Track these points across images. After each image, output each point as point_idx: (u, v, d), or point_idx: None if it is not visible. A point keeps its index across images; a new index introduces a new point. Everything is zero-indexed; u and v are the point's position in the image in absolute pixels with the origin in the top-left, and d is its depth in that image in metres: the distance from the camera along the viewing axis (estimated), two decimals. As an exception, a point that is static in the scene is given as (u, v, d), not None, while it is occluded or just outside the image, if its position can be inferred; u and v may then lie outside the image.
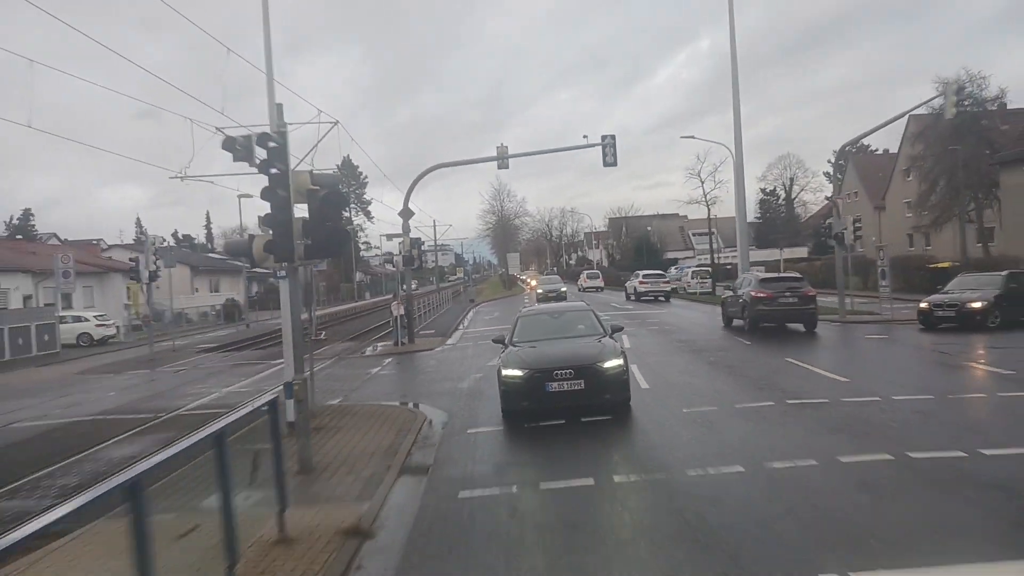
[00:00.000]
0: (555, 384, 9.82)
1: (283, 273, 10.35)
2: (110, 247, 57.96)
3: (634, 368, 12.93)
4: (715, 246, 61.90)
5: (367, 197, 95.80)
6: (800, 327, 20.07)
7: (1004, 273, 19.67)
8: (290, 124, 9.50)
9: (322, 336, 25.59)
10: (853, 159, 69.62)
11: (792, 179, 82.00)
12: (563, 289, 45.13)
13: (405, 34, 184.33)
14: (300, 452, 8.14)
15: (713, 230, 66.08)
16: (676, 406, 10.56)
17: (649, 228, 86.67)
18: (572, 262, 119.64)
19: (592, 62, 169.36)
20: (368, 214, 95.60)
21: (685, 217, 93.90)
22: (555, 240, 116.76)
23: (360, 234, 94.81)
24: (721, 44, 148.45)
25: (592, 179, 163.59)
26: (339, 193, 9.87)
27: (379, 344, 24.76)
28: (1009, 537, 5.15)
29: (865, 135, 29.50)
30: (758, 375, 13.04)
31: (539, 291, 45.38)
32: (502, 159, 23.48)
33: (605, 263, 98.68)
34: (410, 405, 12.51)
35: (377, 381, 16.28)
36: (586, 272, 67.28)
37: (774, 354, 15.83)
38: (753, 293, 20.25)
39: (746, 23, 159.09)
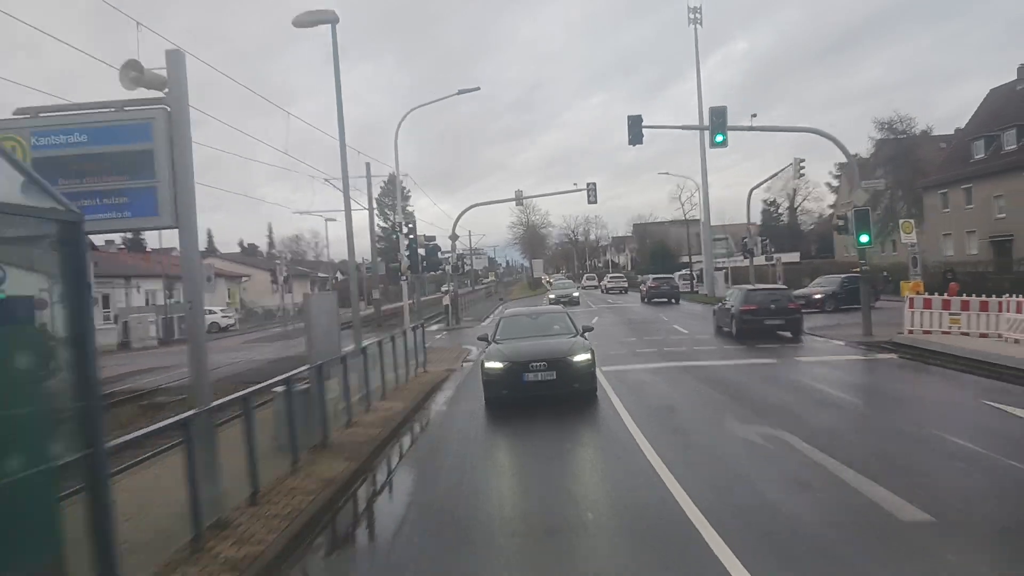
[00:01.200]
0: (531, 375, 11.64)
1: (405, 278, 22.02)
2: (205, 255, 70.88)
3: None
4: (727, 251, 72.25)
5: (409, 206, 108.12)
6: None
7: (842, 276, 30.36)
8: (375, 176, 21.09)
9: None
10: (845, 173, 79.33)
11: (795, 189, 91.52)
12: (575, 294, 47.15)
13: (438, 41, 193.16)
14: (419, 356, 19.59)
15: (726, 235, 76.46)
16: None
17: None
18: (600, 265, 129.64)
19: (624, 66, 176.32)
20: (410, 230, 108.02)
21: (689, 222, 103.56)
22: (580, 245, 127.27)
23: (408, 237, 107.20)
24: (757, 46, 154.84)
25: (625, 181, 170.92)
26: (435, 250, 21.60)
27: (435, 325, 36.14)
28: (722, 399, 14.55)
29: (768, 179, 40.13)
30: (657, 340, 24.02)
31: (551, 296, 46.33)
32: (519, 200, 35.02)
33: (629, 267, 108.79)
34: (462, 346, 23.85)
35: (443, 339, 27.60)
36: (610, 275, 77.71)
37: (656, 311, 26.72)
38: (741, 308, 20.79)
39: (780, 24, 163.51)
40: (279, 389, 8.55)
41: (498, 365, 12.13)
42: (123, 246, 59.81)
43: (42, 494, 3.72)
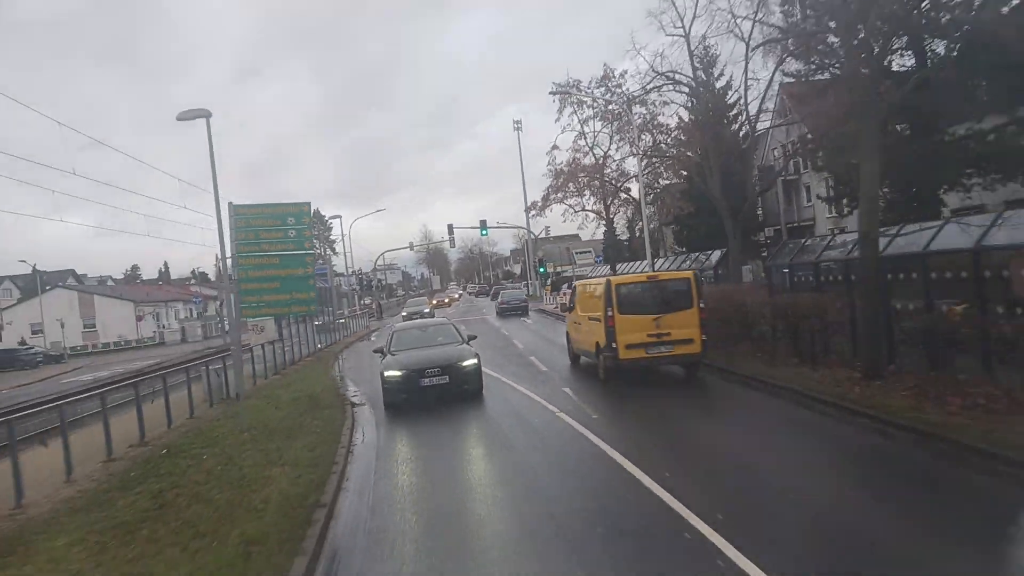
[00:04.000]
0: (427, 380, 13.42)
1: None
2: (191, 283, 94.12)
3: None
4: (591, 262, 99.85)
5: (332, 238, 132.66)
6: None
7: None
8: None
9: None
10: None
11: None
12: (426, 310, 49.76)
13: (353, 55, 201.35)
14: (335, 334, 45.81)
15: (589, 249, 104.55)
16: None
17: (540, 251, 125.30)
18: (499, 276, 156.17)
19: (541, 79, 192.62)
20: (334, 250, 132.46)
21: (577, 237, 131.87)
22: (477, 259, 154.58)
23: (328, 264, 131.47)
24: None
25: (538, 191, 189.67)
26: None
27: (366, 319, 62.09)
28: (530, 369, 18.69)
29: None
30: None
31: (403, 312, 49.75)
32: (420, 245, 61.30)
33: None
34: (370, 328, 50.08)
35: (366, 325, 53.44)
36: (495, 288, 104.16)
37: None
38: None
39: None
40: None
41: (397, 373, 13.71)
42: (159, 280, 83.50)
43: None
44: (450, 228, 54.18)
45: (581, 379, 15.75)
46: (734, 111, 28.22)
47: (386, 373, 13.99)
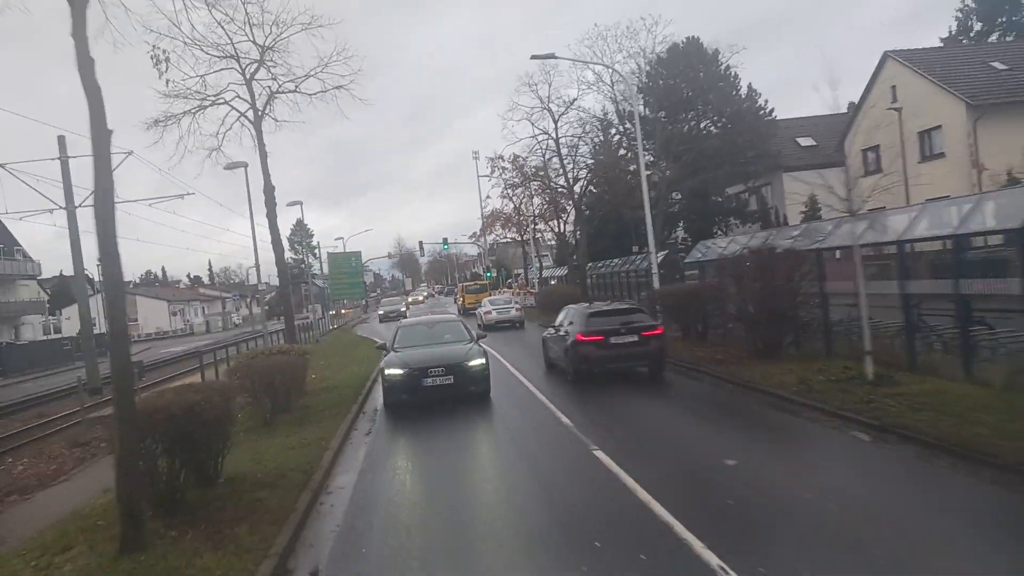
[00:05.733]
0: (430, 380, 12.81)
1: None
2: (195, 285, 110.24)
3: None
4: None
5: (313, 243, 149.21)
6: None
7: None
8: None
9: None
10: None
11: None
12: (403, 308, 53.58)
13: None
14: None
15: (545, 252, 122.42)
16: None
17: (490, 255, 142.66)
18: (467, 276, 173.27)
19: (517, 77, 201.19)
20: (314, 255, 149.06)
21: (539, 239, 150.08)
22: (445, 262, 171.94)
23: (311, 269, 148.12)
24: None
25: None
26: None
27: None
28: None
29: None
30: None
31: (379, 312, 53.63)
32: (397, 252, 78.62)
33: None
34: (364, 317, 67.64)
35: (358, 317, 70.94)
36: (463, 286, 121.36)
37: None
38: (577, 336, 14.86)
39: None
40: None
41: (399, 371, 13.09)
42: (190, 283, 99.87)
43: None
44: (420, 244, 71.51)
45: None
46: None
47: (387, 371, 13.37)
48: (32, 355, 43.50)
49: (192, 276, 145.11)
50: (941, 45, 37.61)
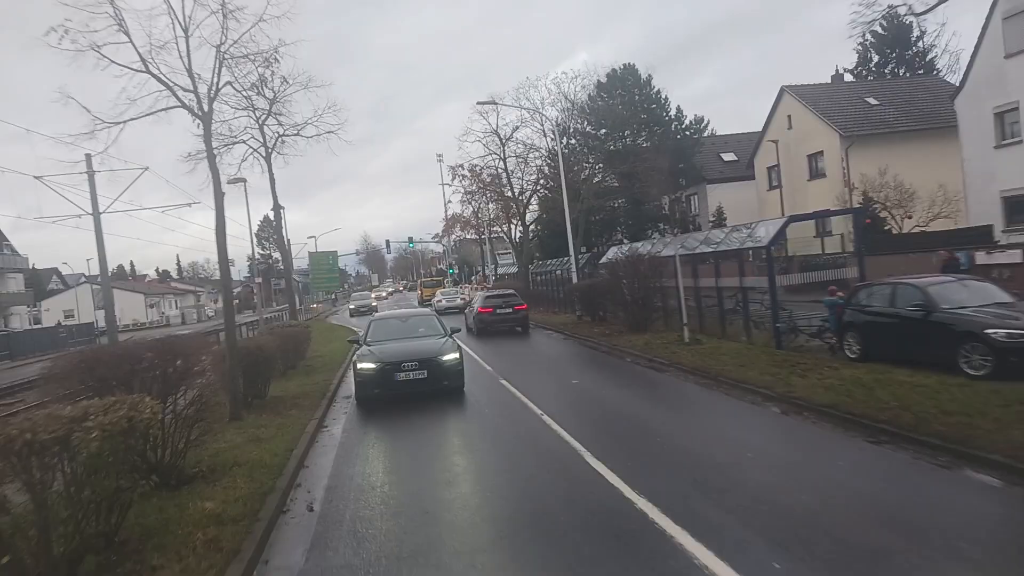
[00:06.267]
0: (403, 374, 12.88)
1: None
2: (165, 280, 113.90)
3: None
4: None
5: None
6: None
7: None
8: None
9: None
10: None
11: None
12: (374, 303, 55.76)
13: (290, 48, 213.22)
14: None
15: (508, 251, 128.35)
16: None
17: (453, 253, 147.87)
18: (432, 272, 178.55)
19: (478, 75, 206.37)
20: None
21: (500, 239, 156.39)
22: (410, 258, 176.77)
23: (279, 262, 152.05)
24: (597, 57, 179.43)
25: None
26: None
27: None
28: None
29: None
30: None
31: (351, 306, 54.33)
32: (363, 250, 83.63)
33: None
34: (335, 308, 72.84)
35: (329, 308, 76.00)
36: (421, 281, 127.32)
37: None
38: (480, 307, 26.73)
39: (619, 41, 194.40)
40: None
41: (371, 366, 13.10)
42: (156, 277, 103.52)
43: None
44: (387, 243, 77.07)
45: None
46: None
47: (359, 365, 13.45)
48: (36, 341, 48.00)
49: (161, 270, 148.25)
50: (829, 81, 44.18)
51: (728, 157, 50.63)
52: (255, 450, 9.68)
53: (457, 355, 13.70)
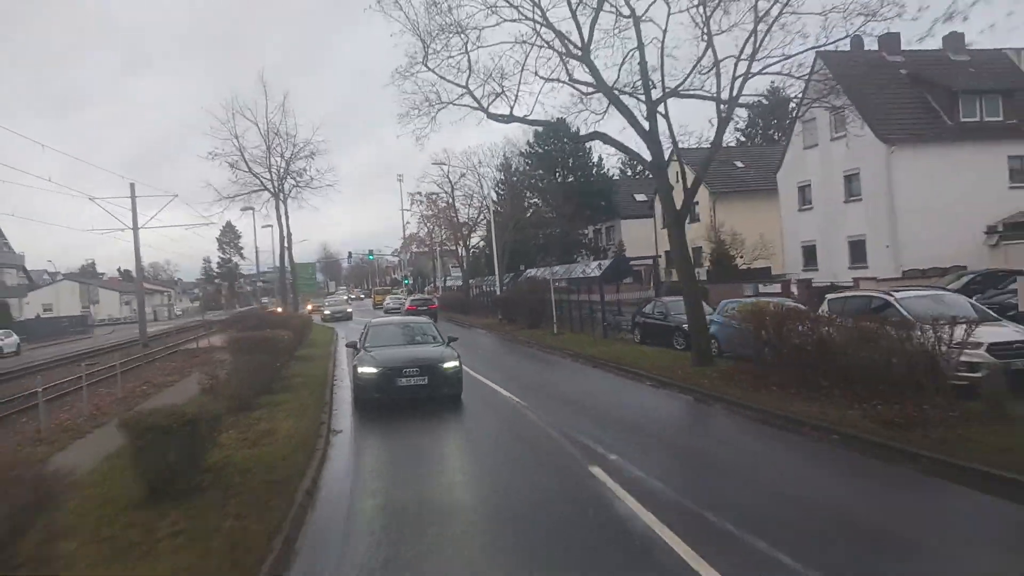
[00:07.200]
0: (404, 380, 13.17)
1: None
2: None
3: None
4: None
5: (240, 244, 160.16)
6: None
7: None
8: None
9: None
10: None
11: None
12: (349, 310, 57.46)
13: (254, 54, 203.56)
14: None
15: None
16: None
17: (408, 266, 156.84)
18: (387, 282, 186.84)
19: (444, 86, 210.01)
20: (242, 255, 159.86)
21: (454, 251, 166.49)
22: (366, 267, 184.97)
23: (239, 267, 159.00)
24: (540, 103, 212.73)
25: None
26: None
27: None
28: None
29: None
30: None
31: (326, 312, 54.94)
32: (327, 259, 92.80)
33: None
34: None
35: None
36: (376, 290, 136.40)
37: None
38: (407, 305, 45.58)
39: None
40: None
41: (372, 370, 13.39)
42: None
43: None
44: (349, 254, 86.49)
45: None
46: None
47: (360, 369, 13.71)
48: (46, 328, 56.21)
49: (123, 270, 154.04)
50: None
51: (640, 197, 61.80)
52: (312, 368, 19.72)
53: (457, 363, 14.10)
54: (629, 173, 64.41)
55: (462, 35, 17.58)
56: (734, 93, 16.45)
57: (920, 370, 10.81)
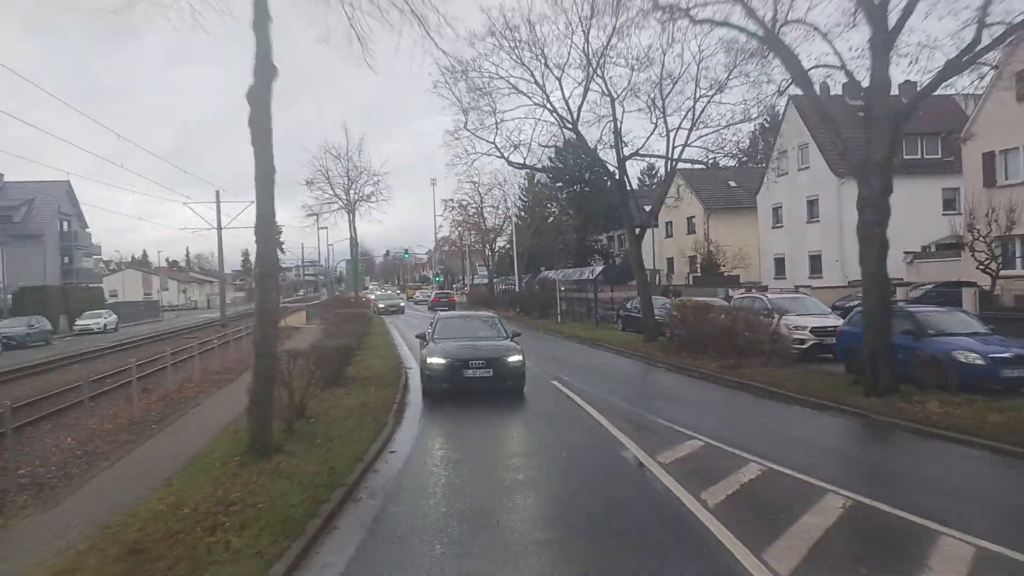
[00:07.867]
0: (470, 371, 14.13)
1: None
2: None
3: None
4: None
5: (281, 240, 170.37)
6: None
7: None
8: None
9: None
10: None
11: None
12: (402, 304, 60.91)
13: (291, 47, 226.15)
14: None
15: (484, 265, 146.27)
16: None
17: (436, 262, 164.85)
18: (416, 278, 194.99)
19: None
20: (282, 251, 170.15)
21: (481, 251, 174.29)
22: (398, 264, 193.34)
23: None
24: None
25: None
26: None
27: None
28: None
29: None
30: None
31: (380, 305, 56.10)
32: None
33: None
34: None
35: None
36: (409, 285, 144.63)
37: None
38: (432, 297, 64.70)
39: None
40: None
41: (441, 361, 14.33)
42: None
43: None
44: (387, 252, 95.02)
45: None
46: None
47: (429, 360, 14.55)
48: (126, 311, 65.19)
49: (170, 260, 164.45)
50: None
51: (649, 208, 69.12)
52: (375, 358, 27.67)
53: (520, 357, 14.78)
54: (638, 186, 71.95)
55: (493, 114, 25.43)
56: (676, 155, 24.14)
57: (767, 341, 18.38)
